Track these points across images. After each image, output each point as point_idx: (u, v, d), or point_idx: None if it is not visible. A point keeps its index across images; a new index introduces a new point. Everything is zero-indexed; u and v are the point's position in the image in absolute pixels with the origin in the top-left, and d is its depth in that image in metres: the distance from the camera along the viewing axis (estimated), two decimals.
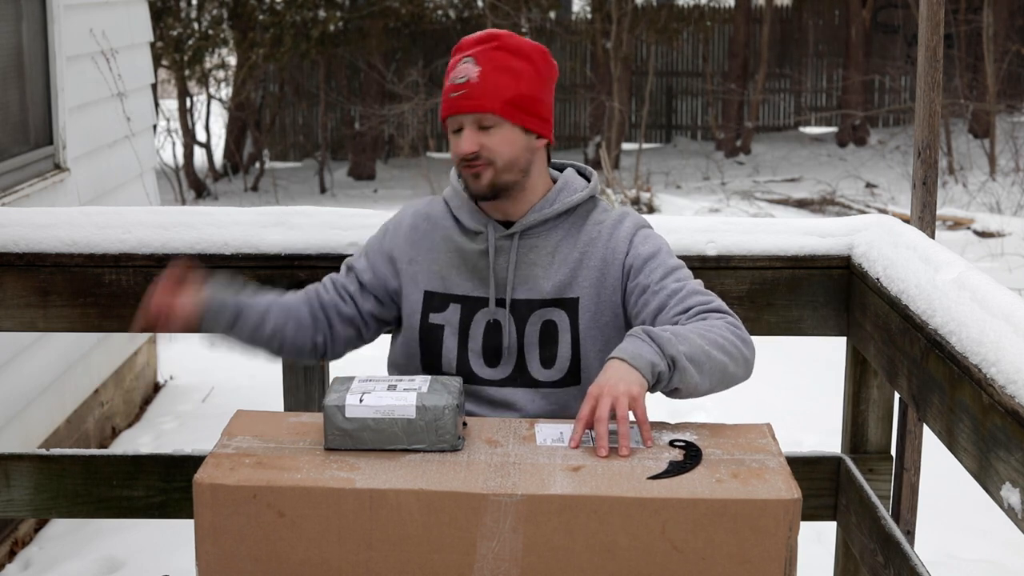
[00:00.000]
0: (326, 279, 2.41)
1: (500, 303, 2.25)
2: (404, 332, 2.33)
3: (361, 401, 1.93)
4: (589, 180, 2.35)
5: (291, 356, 2.40)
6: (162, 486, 2.67)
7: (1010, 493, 1.77)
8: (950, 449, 2.05)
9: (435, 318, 2.28)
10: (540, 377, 2.25)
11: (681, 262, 2.27)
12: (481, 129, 2.20)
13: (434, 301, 2.28)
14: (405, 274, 2.32)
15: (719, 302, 2.18)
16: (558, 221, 2.28)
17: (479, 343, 2.26)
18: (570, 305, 2.25)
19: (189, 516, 1.93)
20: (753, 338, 2.16)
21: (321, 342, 2.36)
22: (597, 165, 14.29)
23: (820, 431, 4.92)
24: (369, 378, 2.03)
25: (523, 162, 2.23)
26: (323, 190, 14.36)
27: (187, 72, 13.90)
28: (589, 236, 2.27)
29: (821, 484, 2.74)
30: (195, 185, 13.88)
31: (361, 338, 2.39)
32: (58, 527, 4.27)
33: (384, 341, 2.46)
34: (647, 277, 2.22)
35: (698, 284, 2.22)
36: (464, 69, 2.20)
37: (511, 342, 2.25)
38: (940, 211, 10.16)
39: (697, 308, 2.15)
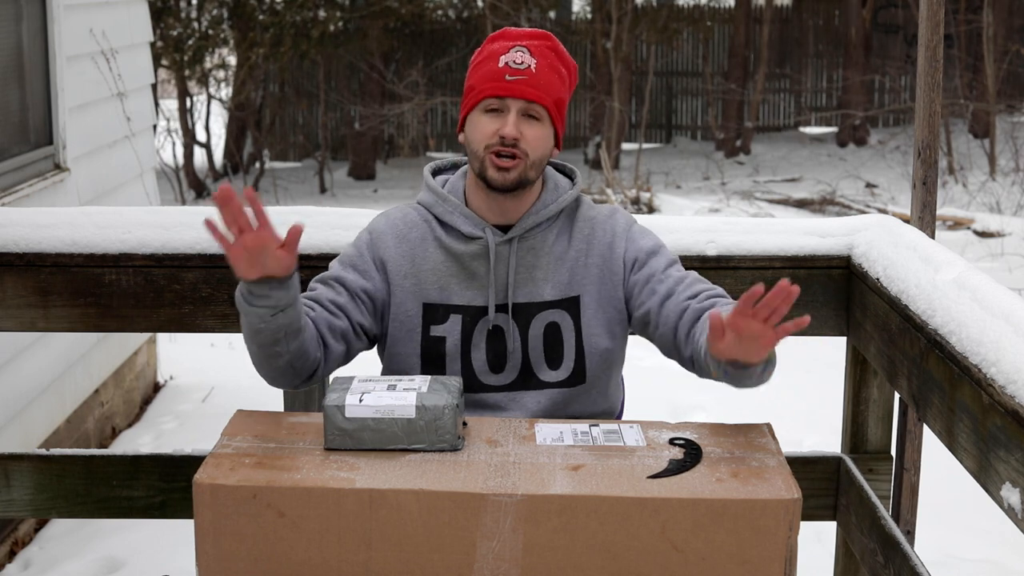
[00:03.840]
0: (302, 299, 2.17)
1: (502, 308, 2.24)
2: (400, 347, 2.25)
3: (361, 401, 1.93)
4: (569, 176, 2.38)
5: (288, 376, 2.15)
6: (162, 486, 2.67)
7: (1010, 493, 1.76)
8: (950, 449, 2.04)
9: (436, 331, 2.24)
10: (546, 378, 2.25)
11: (676, 256, 2.35)
12: (526, 118, 2.18)
13: (434, 313, 2.24)
14: (399, 288, 2.24)
15: (720, 289, 2.28)
16: (552, 221, 2.28)
17: (483, 351, 2.24)
18: (572, 304, 2.26)
19: (189, 516, 1.93)
20: None
21: (320, 358, 2.17)
22: (597, 165, 14.30)
23: (820, 431, 4.92)
24: (369, 378, 2.03)
25: (543, 165, 2.24)
26: (323, 190, 14.36)
27: (187, 72, 13.91)
28: (583, 233, 2.29)
29: (821, 484, 2.73)
30: (195, 185, 13.88)
31: (348, 355, 2.24)
32: (58, 527, 4.26)
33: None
34: (651, 267, 2.27)
35: (695, 273, 2.31)
36: (521, 56, 2.19)
37: (515, 347, 2.24)
38: (940, 211, 10.15)
39: (706, 293, 2.22)
